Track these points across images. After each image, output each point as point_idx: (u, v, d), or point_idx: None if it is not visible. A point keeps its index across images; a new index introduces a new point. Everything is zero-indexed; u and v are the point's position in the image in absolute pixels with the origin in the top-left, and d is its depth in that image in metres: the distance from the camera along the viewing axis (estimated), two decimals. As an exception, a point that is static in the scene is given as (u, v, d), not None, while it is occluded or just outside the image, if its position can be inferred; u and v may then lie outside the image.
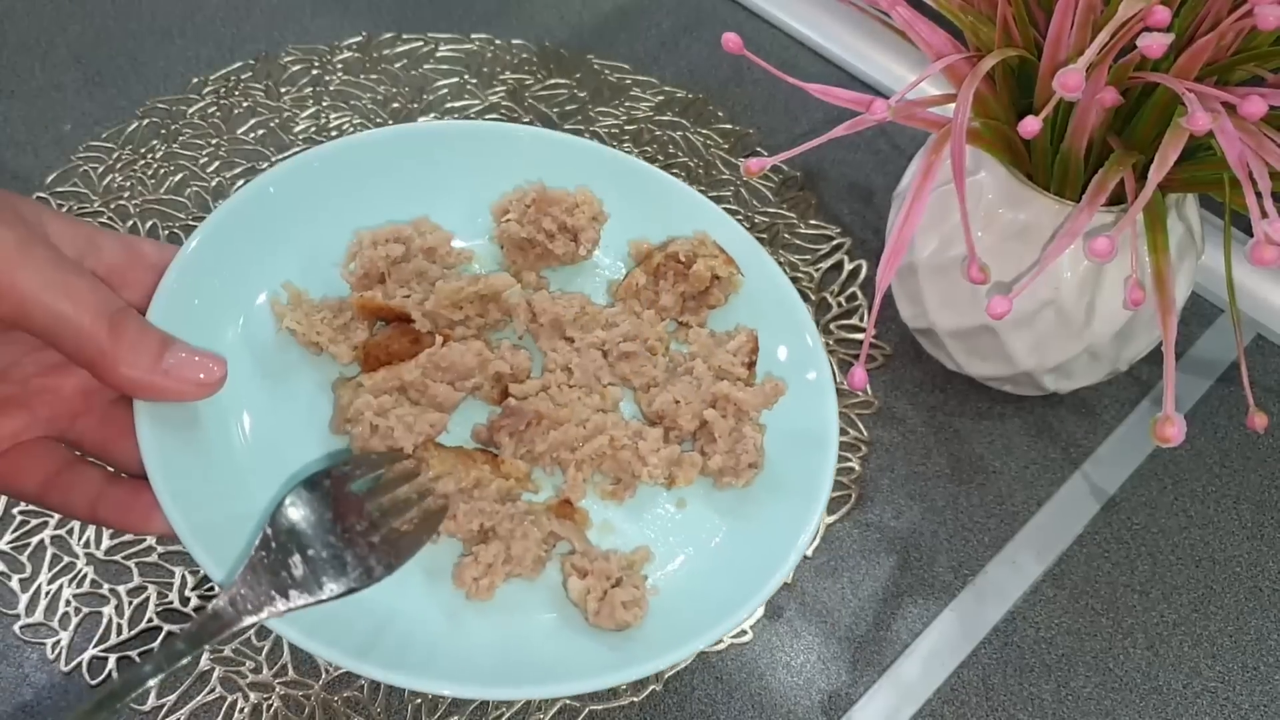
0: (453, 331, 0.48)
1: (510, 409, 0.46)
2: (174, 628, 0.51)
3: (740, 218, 0.69)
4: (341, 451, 0.45)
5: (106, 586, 0.53)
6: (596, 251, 0.52)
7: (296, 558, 0.39)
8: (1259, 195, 0.42)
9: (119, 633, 0.51)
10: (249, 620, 0.37)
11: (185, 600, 0.52)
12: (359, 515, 0.41)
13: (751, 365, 0.49)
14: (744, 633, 0.54)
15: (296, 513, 0.40)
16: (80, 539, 0.54)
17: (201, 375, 0.39)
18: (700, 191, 0.52)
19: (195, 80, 0.73)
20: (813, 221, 0.70)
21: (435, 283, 0.48)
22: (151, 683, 0.35)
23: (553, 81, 0.76)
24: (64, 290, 0.36)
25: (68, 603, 0.52)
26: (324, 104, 0.73)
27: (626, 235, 0.52)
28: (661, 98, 0.76)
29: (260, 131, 0.71)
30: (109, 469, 0.43)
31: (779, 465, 0.47)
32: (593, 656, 0.42)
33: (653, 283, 0.50)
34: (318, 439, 0.45)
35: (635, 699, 0.52)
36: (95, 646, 0.51)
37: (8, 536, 0.54)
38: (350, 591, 0.39)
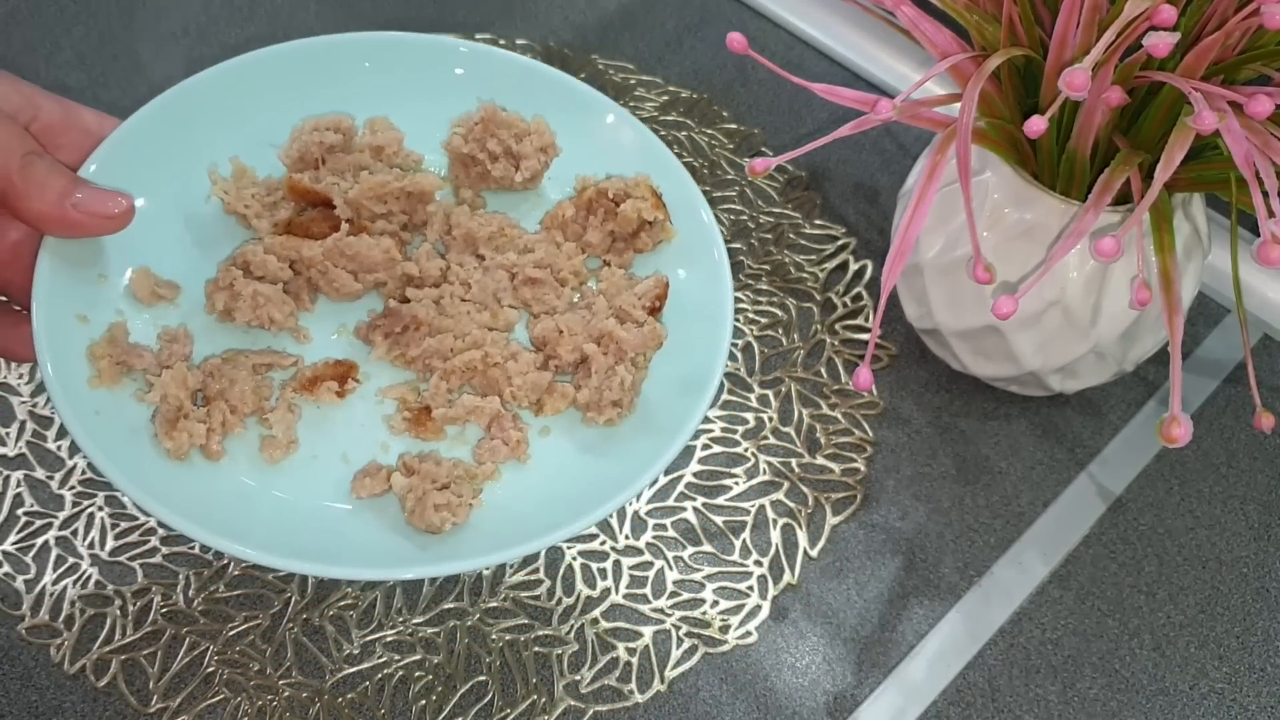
0: (373, 225, 0.48)
1: (389, 310, 0.47)
2: (178, 629, 0.52)
3: (745, 217, 0.69)
4: None
5: (111, 588, 0.53)
6: (544, 183, 0.51)
7: None
8: (1266, 194, 0.42)
9: (123, 634, 0.51)
10: None
11: (190, 601, 0.52)
12: None
13: (655, 311, 0.48)
14: (749, 634, 0.54)
15: None
16: (85, 540, 0.54)
17: (111, 208, 0.41)
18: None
19: (200, 81, 0.73)
20: (818, 221, 0.70)
21: None
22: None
23: (557, 82, 0.76)
24: None
25: (72, 604, 0.52)
26: (328, 105, 0.73)
27: (579, 171, 0.51)
28: (666, 98, 0.76)
29: (264, 132, 0.71)
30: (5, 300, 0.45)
31: (656, 411, 0.46)
32: (396, 550, 0.42)
33: (581, 217, 0.50)
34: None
35: (640, 699, 0.51)
36: (100, 648, 0.51)
37: (12, 537, 0.54)
38: None
